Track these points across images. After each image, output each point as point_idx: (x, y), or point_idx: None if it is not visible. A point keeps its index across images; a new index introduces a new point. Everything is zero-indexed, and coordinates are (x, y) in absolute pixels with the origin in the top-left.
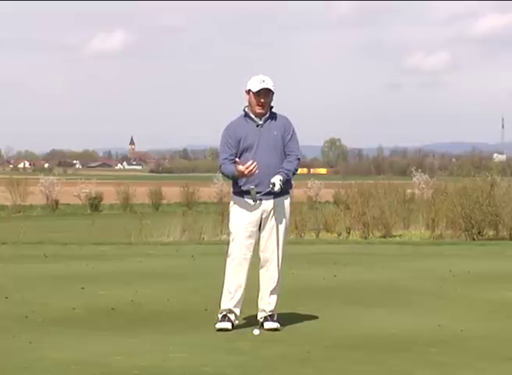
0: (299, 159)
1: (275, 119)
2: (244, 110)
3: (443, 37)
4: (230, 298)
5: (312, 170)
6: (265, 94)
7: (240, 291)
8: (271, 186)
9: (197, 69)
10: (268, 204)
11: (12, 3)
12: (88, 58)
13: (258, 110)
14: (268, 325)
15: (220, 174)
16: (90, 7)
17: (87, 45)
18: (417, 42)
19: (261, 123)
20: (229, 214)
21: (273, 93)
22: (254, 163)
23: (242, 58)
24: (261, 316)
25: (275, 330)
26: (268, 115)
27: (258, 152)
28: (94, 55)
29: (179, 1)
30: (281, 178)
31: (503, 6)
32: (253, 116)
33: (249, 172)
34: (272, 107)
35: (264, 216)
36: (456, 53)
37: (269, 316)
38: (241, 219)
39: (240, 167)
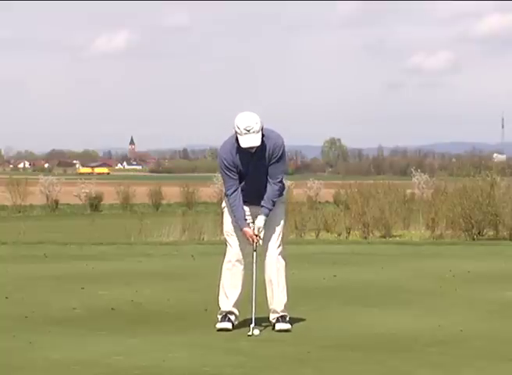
0: (281, 182)
1: (266, 144)
2: (236, 140)
3: (444, 37)
4: (227, 300)
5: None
6: (252, 148)
7: (237, 293)
8: (257, 228)
9: (197, 69)
10: (258, 208)
11: (13, 3)
12: (88, 59)
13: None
14: (279, 326)
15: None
16: (91, 7)
17: (88, 46)
18: (418, 42)
19: (253, 151)
20: None
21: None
22: (256, 240)
23: (243, 59)
24: (272, 316)
25: (286, 331)
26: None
27: (250, 178)
28: (94, 56)
29: (182, 0)
30: (264, 218)
31: (504, 6)
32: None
33: (250, 239)
34: (263, 135)
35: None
36: (457, 53)
37: (281, 317)
38: (233, 223)
39: (247, 230)
